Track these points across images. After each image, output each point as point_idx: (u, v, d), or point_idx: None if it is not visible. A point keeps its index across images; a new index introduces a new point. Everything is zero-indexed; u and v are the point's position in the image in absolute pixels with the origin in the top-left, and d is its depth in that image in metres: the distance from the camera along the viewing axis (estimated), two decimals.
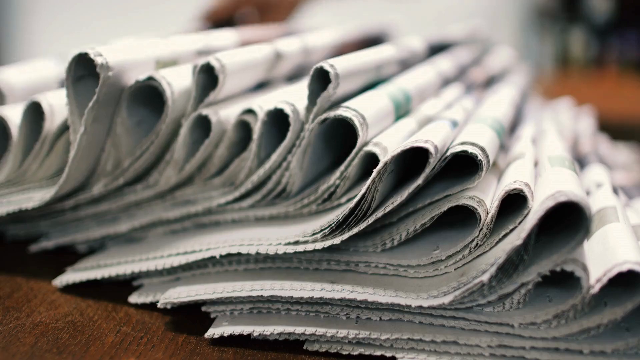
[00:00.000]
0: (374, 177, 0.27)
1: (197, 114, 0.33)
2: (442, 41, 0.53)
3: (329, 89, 0.30)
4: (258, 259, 0.31)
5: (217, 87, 0.33)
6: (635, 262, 0.24)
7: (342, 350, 0.28)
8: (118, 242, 0.36)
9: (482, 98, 0.46)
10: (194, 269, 0.32)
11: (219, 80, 0.33)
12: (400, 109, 0.35)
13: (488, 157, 0.28)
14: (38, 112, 0.34)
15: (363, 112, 0.30)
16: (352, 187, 0.31)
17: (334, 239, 0.28)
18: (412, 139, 0.28)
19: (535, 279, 0.25)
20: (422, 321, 0.27)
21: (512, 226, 0.27)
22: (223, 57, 0.33)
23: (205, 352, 0.28)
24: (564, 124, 0.51)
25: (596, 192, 0.34)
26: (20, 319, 0.30)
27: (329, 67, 0.30)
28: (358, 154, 0.30)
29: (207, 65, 0.32)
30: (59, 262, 0.35)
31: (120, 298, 0.32)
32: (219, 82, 0.33)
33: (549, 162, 0.31)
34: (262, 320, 0.29)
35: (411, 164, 0.30)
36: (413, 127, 0.34)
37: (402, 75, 0.40)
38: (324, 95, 0.30)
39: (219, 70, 0.32)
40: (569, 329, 0.25)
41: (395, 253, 0.29)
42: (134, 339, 0.29)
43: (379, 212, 0.28)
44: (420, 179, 0.28)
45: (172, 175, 0.34)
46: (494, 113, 0.36)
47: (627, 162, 0.54)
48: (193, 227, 0.34)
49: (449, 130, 0.31)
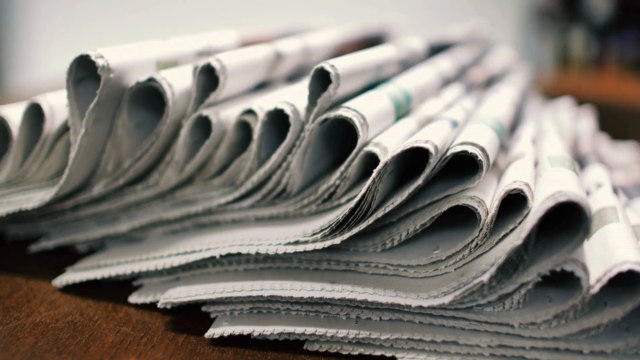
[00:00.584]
0: (374, 178, 0.27)
1: (198, 114, 0.33)
2: (443, 41, 0.53)
3: (330, 90, 0.30)
4: (258, 259, 0.31)
5: (218, 88, 0.33)
6: (635, 262, 0.24)
7: (342, 350, 0.28)
8: (118, 242, 0.36)
9: (482, 98, 0.46)
10: (194, 269, 0.32)
11: (220, 81, 0.33)
12: (401, 109, 0.35)
13: (488, 157, 0.28)
14: (38, 113, 0.35)
15: (363, 112, 0.30)
16: (352, 187, 0.31)
17: (334, 239, 0.28)
18: (412, 139, 0.28)
19: (535, 279, 0.25)
20: (422, 321, 0.27)
21: (512, 226, 0.27)
22: (224, 58, 0.33)
23: (205, 352, 0.28)
24: (564, 124, 0.51)
25: (596, 192, 0.34)
26: (20, 319, 0.30)
27: (329, 67, 0.30)
28: (358, 154, 0.30)
29: (207, 66, 0.32)
30: (59, 262, 0.36)
31: (120, 298, 0.32)
32: (220, 83, 0.33)
33: (549, 162, 0.31)
34: (262, 320, 0.29)
35: (411, 164, 0.30)
36: (413, 127, 0.34)
37: (403, 76, 0.40)
38: (324, 96, 0.30)
39: (219, 71, 0.32)
40: (569, 329, 0.25)
41: (395, 253, 0.29)
42: (134, 339, 0.29)
43: (379, 213, 0.28)
44: (420, 179, 0.28)
45: (173, 176, 0.34)
46: (494, 113, 0.36)
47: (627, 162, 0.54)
48: (193, 227, 0.34)
49: (449, 130, 0.31)
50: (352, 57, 0.33)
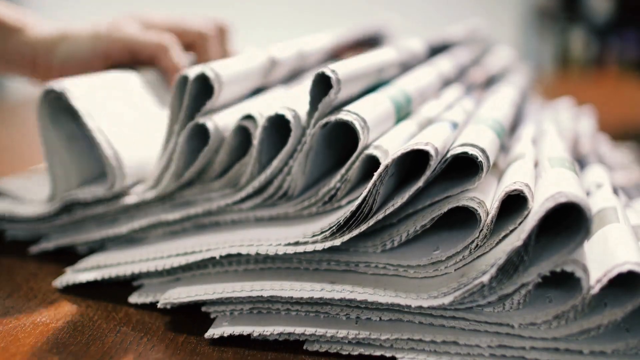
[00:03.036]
0: (375, 181, 0.27)
1: (194, 122, 0.33)
2: (443, 42, 0.53)
3: (331, 94, 0.30)
4: (258, 260, 0.31)
5: (214, 96, 0.33)
6: (635, 263, 0.24)
7: (342, 350, 0.28)
8: (118, 242, 0.36)
9: (482, 98, 0.46)
10: (194, 269, 0.32)
11: (215, 89, 0.33)
12: (402, 111, 0.35)
13: (488, 158, 0.28)
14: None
15: (364, 115, 0.30)
16: (353, 190, 0.31)
17: (334, 241, 0.28)
18: (413, 142, 0.28)
19: (535, 280, 0.25)
20: (422, 321, 0.27)
21: (512, 227, 0.27)
22: (217, 68, 0.33)
23: (205, 352, 0.28)
24: (564, 124, 0.51)
25: (596, 193, 0.34)
26: (20, 319, 0.30)
27: (330, 72, 0.30)
28: (359, 157, 0.30)
29: (201, 75, 0.33)
30: (59, 262, 0.36)
31: (120, 298, 0.32)
32: (215, 91, 0.33)
33: (549, 163, 0.31)
34: (262, 321, 0.29)
35: (412, 165, 0.30)
36: (413, 130, 0.34)
37: (403, 77, 0.40)
38: (325, 101, 0.30)
39: (214, 80, 0.32)
40: (569, 330, 0.25)
41: (395, 253, 0.29)
42: (134, 339, 0.29)
43: (379, 214, 0.28)
44: (420, 181, 0.28)
45: (171, 183, 0.34)
46: (494, 114, 0.36)
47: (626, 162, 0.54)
48: (193, 227, 0.34)
49: (449, 131, 0.31)
50: (352, 61, 0.33)
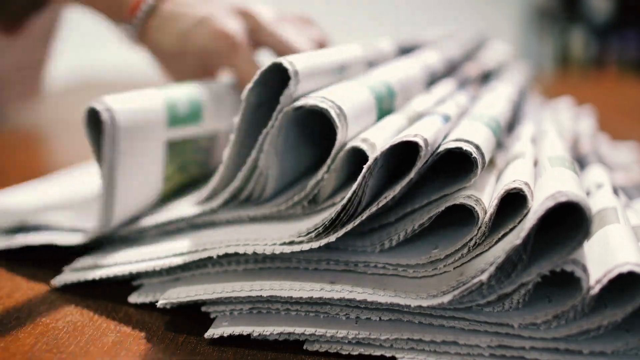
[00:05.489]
0: (364, 173, 0.27)
1: None
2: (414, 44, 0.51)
3: (290, 86, 0.29)
4: (257, 259, 0.31)
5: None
6: (635, 263, 0.24)
7: (342, 350, 0.28)
8: (114, 242, 0.36)
9: (478, 95, 0.45)
10: (193, 269, 0.32)
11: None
12: (384, 102, 0.34)
13: (483, 155, 0.28)
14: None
15: (341, 103, 0.29)
16: (341, 189, 0.31)
17: (329, 237, 0.28)
18: (402, 135, 0.27)
19: (534, 280, 0.25)
20: (422, 321, 0.27)
21: (511, 225, 0.27)
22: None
23: (205, 352, 0.28)
24: (564, 124, 0.51)
25: (596, 193, 0.34)
26: (20, 319, 0.30)
27: (288, 64, 0.29)
28: (344, 148, 0.30)
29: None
30: (59, 262, 0.35)
31: (120, 298, 0.32)
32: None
33: (549, 162, 0.31)
34: (262, 321, 0.29)
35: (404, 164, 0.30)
36: (403, 124, 0.33)
37: (381, 68, 0.39)
38: (285, 94, 0.29)
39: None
40: (569, 330, 0.25)
41: (394, 253, 0.29)
42: (134, 339, 0.29)
43: (373, 208, 0.28)
44: (412, 172, 0.27)
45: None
46: (490, 111, 0.36)
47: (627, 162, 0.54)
48: (188, 227, 0.34)
49: (440, 125, 0.31)
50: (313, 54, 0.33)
